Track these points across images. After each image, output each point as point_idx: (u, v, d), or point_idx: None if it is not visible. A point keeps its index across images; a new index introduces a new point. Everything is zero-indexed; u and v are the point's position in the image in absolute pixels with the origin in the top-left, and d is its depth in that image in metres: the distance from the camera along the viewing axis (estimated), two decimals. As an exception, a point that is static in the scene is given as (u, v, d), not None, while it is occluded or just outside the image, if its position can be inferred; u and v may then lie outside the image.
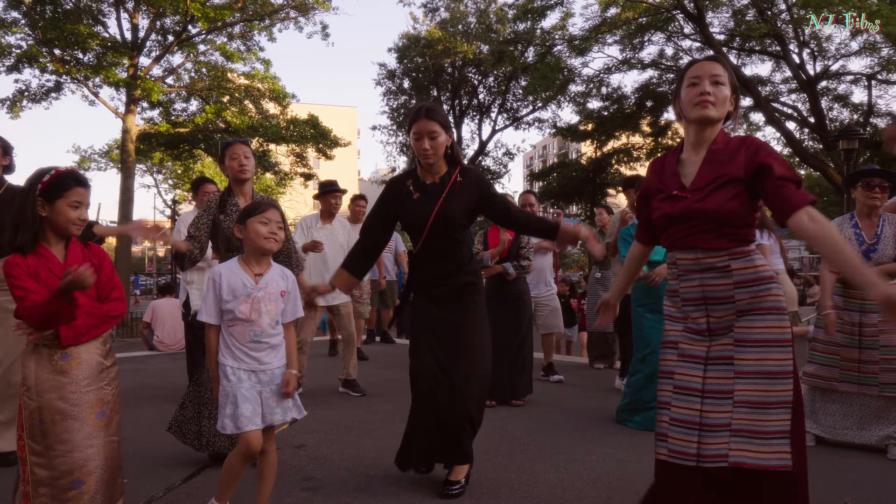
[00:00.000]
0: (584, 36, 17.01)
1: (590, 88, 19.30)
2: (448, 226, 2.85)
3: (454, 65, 23.97)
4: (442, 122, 2.83)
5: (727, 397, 1.97)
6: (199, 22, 16.37)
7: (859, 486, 3.00)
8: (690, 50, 17.70)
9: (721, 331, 2.04)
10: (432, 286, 2.95)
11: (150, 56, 17.77)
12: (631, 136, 22.11)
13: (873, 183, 3.51)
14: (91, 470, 2.15)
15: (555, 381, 5.85)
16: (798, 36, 15.62)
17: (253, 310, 2.37)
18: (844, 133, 11.40)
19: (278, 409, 2.41)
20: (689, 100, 2.06)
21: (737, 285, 2.00)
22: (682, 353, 2.09)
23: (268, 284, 2.42)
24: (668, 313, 2.20)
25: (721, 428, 1.95)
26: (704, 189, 2.01)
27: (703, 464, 1.96)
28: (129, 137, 16.91)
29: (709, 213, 1.98)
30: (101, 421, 2.20)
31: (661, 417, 2.10)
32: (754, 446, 1.89)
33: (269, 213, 2.44)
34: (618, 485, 3.04)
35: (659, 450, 2.09)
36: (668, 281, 2.24)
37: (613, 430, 4.06)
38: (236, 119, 17.82)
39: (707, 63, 2.09)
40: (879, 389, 3.44)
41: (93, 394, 2.19)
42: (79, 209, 2.21)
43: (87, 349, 2.20)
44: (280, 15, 18.12)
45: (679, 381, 2.06)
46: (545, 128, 24.73)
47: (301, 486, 3.01)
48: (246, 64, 18.72)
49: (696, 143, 2.11)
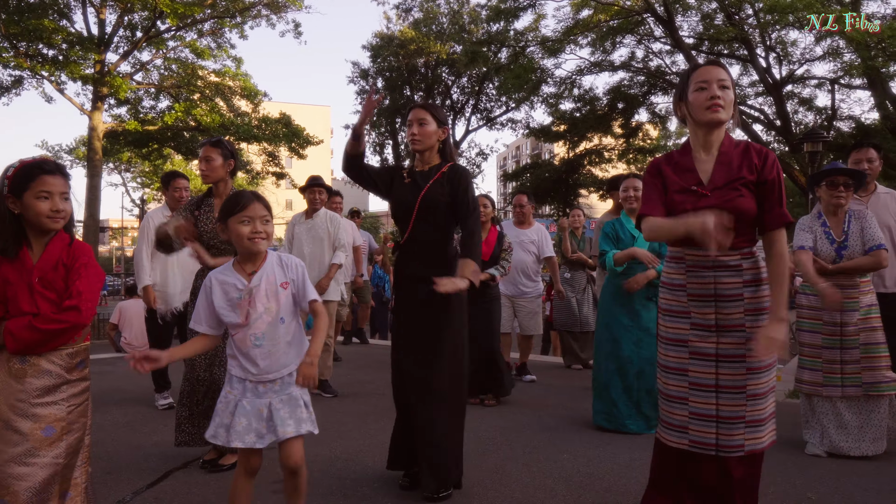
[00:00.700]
0: (556, 38, 17.14)
1: (562, 90, 19.47)
2: (432, 212, 2.87)
3: (427, 65, 23.98)
4: (434, 113, 2.95)
5: (738, 392, 2.14)
6: (168, 18, 16.09)
7: (821, 482, 3.08)
8: (661, 53, 17.97)
9: (729, 328, 2.16)
10: (418, 281, 2.88)
11: (118, 52, 17.46)
12: (603, 137, 22.35)
13: (837, 182, 3.51)
14: (18, 491, 1.90)
15: (527, 380, 5.88)
16: (764, 40, 15.96)
17: (251, 310, 2.16)
18: (809, 136, 11.68)
19: (291, 420, 2.17)
20: (700, 104, 2.16)
21: (745, 284, 2.14)
22: (694, 350, 2.20)
23: (262, 279, 2.20)
24: (667, 307, 2.28)
25: (737, 420, 2.14)
26: (724, 188, 2.14)
27: (721, 453, 2.15)
28: (95, 135, 16.56)
29: (732, 212, 2.09)
30: (46, 438, 1.97)
31: (677, 411, 2.24)
32: (759, 433, 2.14)
33: (251, 210, 2.18)
34: (588, 482, 3.07)
35: (679, 440, 2.23)
36: (667, 275, 2.30)
37: (584, 429, 4.11)
38: (207, 117, 17.57)
39: (713, 68, 2.19)
40: (863, 389, 3.41)
41: (44, 408, 1.98)
42: (49, 200, 1.98)
43: (49, 358, 2.01)
44: (252, 12, 17.92)
45: (693, 378, 2.20)
46: (518, 128, 24.91)
47: (272, 489, 2.98)
48: (217, 61, 18.52)
49: (705, 145, 2.22)
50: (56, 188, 2.01)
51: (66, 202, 2.04)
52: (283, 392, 2.19)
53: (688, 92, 2.20)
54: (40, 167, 2.01)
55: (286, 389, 2.19)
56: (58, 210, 2.00)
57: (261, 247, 2.21)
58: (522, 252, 5.70)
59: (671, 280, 2.27)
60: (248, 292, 2.17)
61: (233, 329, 2.20)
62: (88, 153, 16.98)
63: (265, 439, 2.16)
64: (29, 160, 2.03)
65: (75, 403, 2.06)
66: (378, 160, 25.77)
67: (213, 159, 3.34)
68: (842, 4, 14.22)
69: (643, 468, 3.28)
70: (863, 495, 2.92)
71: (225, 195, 3.37)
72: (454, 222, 2.95)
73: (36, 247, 2.04)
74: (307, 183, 5.38)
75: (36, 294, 1.99)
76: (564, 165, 23.62)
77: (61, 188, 2.02)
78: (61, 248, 2.06)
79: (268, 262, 2.24)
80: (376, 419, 4.18)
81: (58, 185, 2.01)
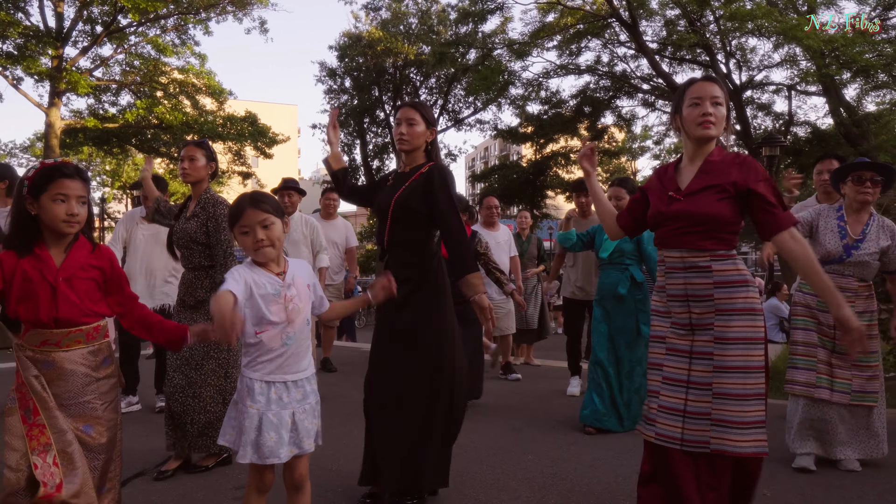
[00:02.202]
0: (523, 41, 17.28)
1: (529, 92, 19.62)
2: (405, 212, 2.78)
3: (396, 65, 23.91)
4: (423, 113, 2.89)
5: (707, 389, 2.21)
6: (129, 13, 15.72)
7: (774, 478, 3.18)
8: (626, 57, 18.25)
9: (702, 326, 2.25)
10: (399, 284, 2.71)
11: (77, 47, 16.97)
12: (569, 139, 22.58)
13: (864, 177, 3.31)
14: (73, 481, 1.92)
15: (512, 379, 5.95)
16: (725, 47, 16.34)
17: (291, 310, 2.09)
18: (767, 140, 11.98)
19: (313, 432, 2.13)
20: (693, 119, 2.26)
21: (716, 285, 2.21)
22: (670, 346, 2.31)
23: (294, 279, 2.13)
24: (654, 308, 2.41)
25: (702, 416, 2.20)
26: (696, 194, 2.23)
27: (685, 447, 2.21)
28: (53, 132, 16.07)
29: (698, 216, 2.21)
30: (87, 436, 2.01)
31: (650, 404, 2.34)
32: (734, 435, 2.14)
33: (246, 218, 2.06)
34: (551, 483, 3.11)
35: (647, 432, 2.32)
36: (658, 278, 2.42)
37: (549, 429, 4.15)
38: (169, 115, 17.21)
39: (707, 84, 2.27)
40: (851, 398, 3.28)
41: (78, 407, 2.00)
42: (65, 203, 1.97)
43: (71, 359, 2.00)
44: (217, 9, 17.61)
45: (667, 373, 2.29)
46: (486, 130, 24.99)
47: (233, 496, 2.95)
48: (180, 58, 18.14)
49: (693, 156, 2.33)
50: (73, 192, 1.99)
51: (82, 206, 2.02)
52: (305, 402, 2.12)
53: (682, 106, 2.30)
54: (59, 170, 2.00)
55: (307, 399, 2.12)
56: (73, 214, 1.99)
57: (269, 255, 2.08)
58: (500, 253, 5.76)
59: (658, 282, 2.40)
60: (287, 288, 2.10)
61: (264, 328, 2.06)
62: (46, 150, 16.46)
63: (288, 453, 2.06)
64: (49, 162, 2.03)
65: (107, 400, 2.09)
66: (347, 160, 25.59)
67: (196, 159, 3.38)
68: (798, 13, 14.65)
69: (606, 468, 3.34)
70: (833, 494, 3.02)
71: (199, 196, 3.41)
72: (433, 223, 2.82)
73: (55, 249, 2.03)
74: (279, 186, 5.36)
75: (59, 295, 1.98)
76: (532, 167, 23.79)
77: (79, 192, 2.01)
78: (87, 252, 2.07)
79: (292, 265, 2.18)
80: (341, 422, 4.16)
81: (75, 189, 2.00)
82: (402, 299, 2.72)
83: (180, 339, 2.17)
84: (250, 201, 2.08)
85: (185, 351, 3.24)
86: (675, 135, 2.60)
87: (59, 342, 1.99)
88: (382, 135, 25.32)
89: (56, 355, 1.99)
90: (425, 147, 2.91)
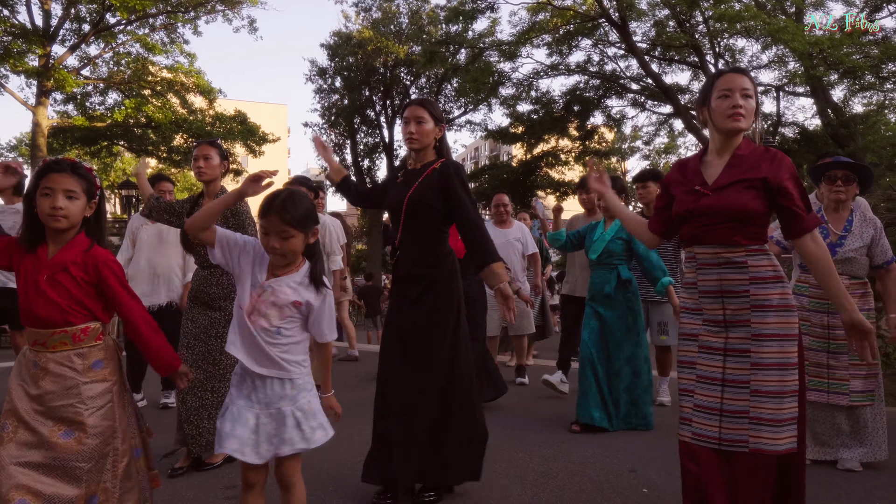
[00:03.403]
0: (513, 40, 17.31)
1: (520, 92, 19.65)
2: (420, 210, 2.78)
3: (386, 65, 23.87)
4: (431, 110, 2.87)
5: (745, 387, 2.16)
6: (117, 11, 15.60)
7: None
8: (615, 57, 18.32)
9: (736, 323, 2.21)
10: (411, 283, 2.82)
11: (65, 45, 16.81)
12: (559, 139, 22.65)
13: (836, 176, 3.33)
14: (39, 492, 1.85)
15: (518, 383, 5.81)
16: (714, 47, 16.45)
17: (251, 304, 2.00)
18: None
19: (284, 438, 1.99)
20: (722, 112, 2.20)
21: (752, 281, 2.17)
22: (703, 344, 2.26)
23: (277, 288, 2.01)
24: (684, 305, 2.36)
25: (740, 415, 2.15)
26: (726, 188, 2.18)
27: (723, 447, 2.16)
28: (40, 131, 15.93)
29: (730, 211, 2.16)
30: (65, 442, 1.91)
31: (684, 403, 2.28)
32: (771, 433, 2.11)
33: (270, 222, 1.97)
34: (543, 481, 3.12)
35: (683, 432, 2.26)
36: (686, 275, 2.38)
37: (541, 428, 4.16)
38: (159, 114, 17.10)
39: (737, 76, 2.22)
40: (850, 398, 3.25)
41: (61, 411, 1.92)
42: (50, 197, 1.91)
43: (57, 360, 1.95)
44: (206, 7, 17.51)
45: (701, 371, 2.24)
46: (477, 130, 25.00)
47: (223, 496, 2.94)
48: (169, 57, 18.02)
49: (720, 149, 2.28)
50: (59, 185, 1.93)
51: (71, 201, 1.96)
52: (272, 406, 2.01)
53: (711, 98, 2.25)
54: (50, 165, 1.96)
55: (274, 404, 2.01)
56: (56, 207, 1.91)
57: (276, 262, 2.03)
58: (509, 251, 5.64)
59: (687, 279, 2.36)
60: (261, 290, 2.02)
61: (239, 304, 2.02)
62: (32, 150, 16.30)
63: (262, 454, 1.98)
64: (49, 159, 2.00)
65: (95, 406, 1.97)
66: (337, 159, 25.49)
67: (211, 157, 3.38)
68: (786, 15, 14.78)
69: (597, 467, 3.35)
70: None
71: (214, 195, 3.42)
72: (447, 219, 2.84)
73: (52, 246, 2.00)
74: (289, 181, 5.37)
75: (39, 293, 1.94)
76: (522, 167, 23.83)
77: (66, 185, 1.94)
78: (76, 252, 1.98)
79: (297, 275, 2.04)
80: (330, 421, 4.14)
81: (62, 183, 1.94)
82: (415, 298, 2.74)
83: (166, 366, 2.10)
84: (280, 207, 1.96)
85: (202, 346, 3.25)
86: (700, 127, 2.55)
87: (45, 342, 1.96)
88: (373, 135, 25.27)
89: (43, 356, 1.96)
90: (434, 144, 2.92)
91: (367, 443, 3.74)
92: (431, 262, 2.81)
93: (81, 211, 2.00)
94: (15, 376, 2.00)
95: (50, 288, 1.94)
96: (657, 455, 3.55)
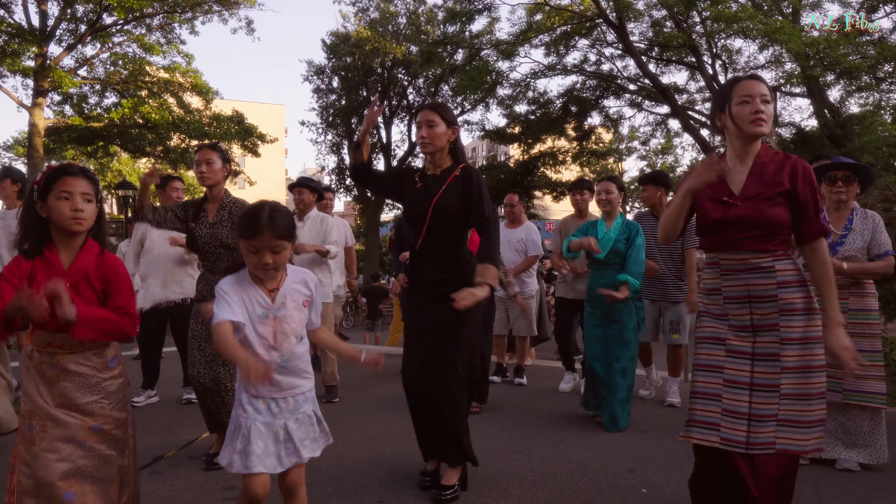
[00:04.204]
0: (510, 40, 17.31)
1: (517, 92, 19.66)
2: (446, 217, 2.84)
3: (384, 65, 23.87)
4: (443, 114, 2.90)
5: (772, 390, 2.17)
6: (114, 11, 15.56)
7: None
8: (612, 57, 18.35)
9: (764, 328, 2.22)
10: (433, 284, 2.88)
11: (61, 45, 16.76)
12: (556, 139, 22.66)
13: (836, 177, 3.37)
14: (80, 482, 1.96)
15: (516, 384, 5.79)
16: (711, 48, 16.48)
17: (278, 333, 2.00)
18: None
19: (308, 441, 2.06)
20: (745, 117, 2.23)
21: (780, 285, 2.19)
22: (731, 348, 2.26)
23: (286, 298, 2.04)
24: (705, 310, 2.37)
25: (768, 419, 2.16)
26: (754, 198, 2.21)
27: (751, 450, 2.16)
28: (36, 131, 15.86)
29: (758, 221, 2.18)
30: (96, 433, 2.01)
31: (710, 408, 2.26)
32: (798, 434, 2.14)
33: (260, 240, 1.92)
34: (541, 482, 3.12)
35: (709, 437, 2.23)
36: (705, 280, 2.38)
37: (538, 428, 4.16)
38: (155, 114, 17.06)
39: (755, 82, 2.26)
40: (843, 396, 3.24)
41: (87, 406, 2.01)
42: (70, 200, 1.96)
43: (76, 360, 2.01)
44: (203, 7, 17.48)
45: (728, 375, 2.24)
46: (474, 130, 25.00)
47: (221, 497, 2.93)
48: (166, 57, 17.98)
49: (741, 155, 2.30)
50: (77, 188, 1.98)
51: (88, 204, 2.01)
52: (298, 411, 2.06)
53: (729, 104, 2.26)
54: (64, 169, 2.01)
55: (300, 408, 2.07)
56: (77, 210, 1.97)
57: (270, 276, 2.02)
58: (511, 252, 5.60)
59: (708, 285, 2.36)
60: (275, 310, 2.01)
61: (250, 346, 2.00)
62: (28, 150, 16.25)
63: (284, 463, 2.02)
64: (56, 164, 2.05)
65: (115, 400, 2.09)
66: (335, 160, 25.50)
67: (213, 162, 3.37)
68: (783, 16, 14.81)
69: (596, 467, 3.35)
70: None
71: (219, 199, 3.41)
72: (468, 226, 2.94)
73: (64, 252, 2.02)
74: (293, 182, 5.36)
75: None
76: (519, 167, 23.84)
77: (83, 189, 2.00)
78: (93, 258, 2.05)
79: (290, 278, 2.08)
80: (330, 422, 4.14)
81: (79, 186, 1.99)
82: (439, 297, 2.81)
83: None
84: (268, 223, 1.92)
85: (205, 327, 3.29)
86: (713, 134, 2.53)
87: (62, 345, 2.00)
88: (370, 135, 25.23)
89: (60, 357, 2.01)
90: (449, 147, 2.94)
91: (366, 442, 3.76)
92: (455, 266, 2.88)
93: (95, 214, 2.05)
94: (27, 379, 2.03)
95: (76, 295, 1.96)
96: (655, 455, 3.55)
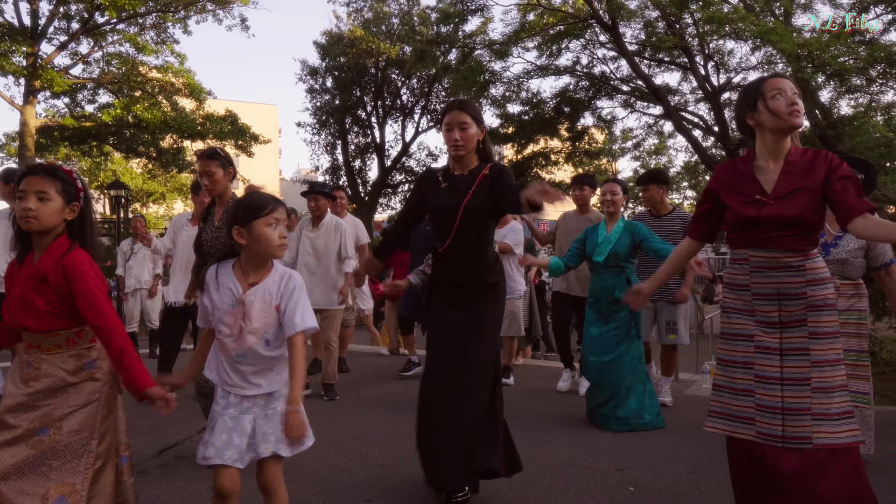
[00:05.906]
0: (503, 40, 17.34)
1: (510, 92, 19.68)
2: (477, 219, 2.79)
3: (377, 65, 23.85)
4: (473, 114, 2.80)
5: (805, 384, 2.20)
6: (106, 10, 15.49)
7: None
8: (605, 59, 18.39)
9: (792, 323, 2.25)
10: (457, 286, 2.84)
11: (53, 44, 16.68)
12: (549, 140, 22.70)
13: None
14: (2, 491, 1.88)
15: (504, 384, 5.77)
16: (703, 49, 16.53)
17: (236, 323, 2.01)
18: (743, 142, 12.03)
19: (273, 437, 2.01)
20: (782, 110, 2.23)
21: (809, 283, 2.23)
22: (759, 345, 2.29)
23: (258, 295, 2.03)
24: (731, 306, 2.38)
25: (801, 412, 2.18)
26: (787, 197, 2.22)
27: (787, 444, 2.18)
28: (28, 131, 15.78)
29: (792, 220, 2.19)
30: (40, 439, 1.92)
31: (744, 403, 2.28)
32: (830, 427, 2.16)
33: (279, 212, 2.03)
34: (530, 481, 3.13)
35: (746, 431, 2.26)
36: (730, 276, 2.38)
37: (528, 427, 4.17)
38: (148, 114, 17.00)
39: (783, 79, 2.29)
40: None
41: (42, 409, 1.94)
42: (23, 199, 1.91)
43: (52, 362, 1.97)
44: (196, 6, 17.42)
45: (759, 371, 2.27)
46: (469, 130, 25.01)
47: (209, 496, 2.92)
48: (159, 57, 17.91)
49: (773, 152, 2.30)
50: (31, 187, 1.93)
51: (43, 203, 1.94)
52: (269, 406, 2.04)
53: (760, 101, 2.26)
54: (28, 170, 1.98)
55: (272, 404, 2.05)
56: (25, 208, 1.92)
57: (284, 255, 2.13)
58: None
59: (735, 280, 2.36)
60: (242, 303, 2.02)
61: (219, 333, 2.06)
62: (20, 150, 16.17)
63: (245, 459, 2.00)
64: (32, 165, 2.05)
65: (76, 405, 1.97)
66: (329, 160, 25.45)
67: (214, 173, 3.33)
68: (775, 17, 14.89)
69: (584, 466, 3.37)
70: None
71: (225, 203, 3.39)
72: (494, 227, 2.92)
73: (38, 252, 2.00)
74: (306, 189, 5.33)
75: (24, 300, 1.94)
76: (513, 167, 23.89)
77: (37, 187, 1.93)
78: (52, 260, 1.95)
79: (271, 277, 2.07)
80: (320, 422, 4.15)
81: (34, 185, 1.94)
82: (464, 299, 2.80)
83: (137, 389, 1.99)
84: (279, 200, 2.07)
85: None
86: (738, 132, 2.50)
87: (40, 345, 1.97)
88: (364, 135, 25.22)
89: (37, 357, 1.98)
90: (478, 146, 2.86)
91: (354, 442, 3.76)
92: (483, 268, 2.85)
93: (56, 213, 1.96)
94: (9, 377, 2.02)
95: (35, 296, 1.93)
96: (643, 454, 3.57)
